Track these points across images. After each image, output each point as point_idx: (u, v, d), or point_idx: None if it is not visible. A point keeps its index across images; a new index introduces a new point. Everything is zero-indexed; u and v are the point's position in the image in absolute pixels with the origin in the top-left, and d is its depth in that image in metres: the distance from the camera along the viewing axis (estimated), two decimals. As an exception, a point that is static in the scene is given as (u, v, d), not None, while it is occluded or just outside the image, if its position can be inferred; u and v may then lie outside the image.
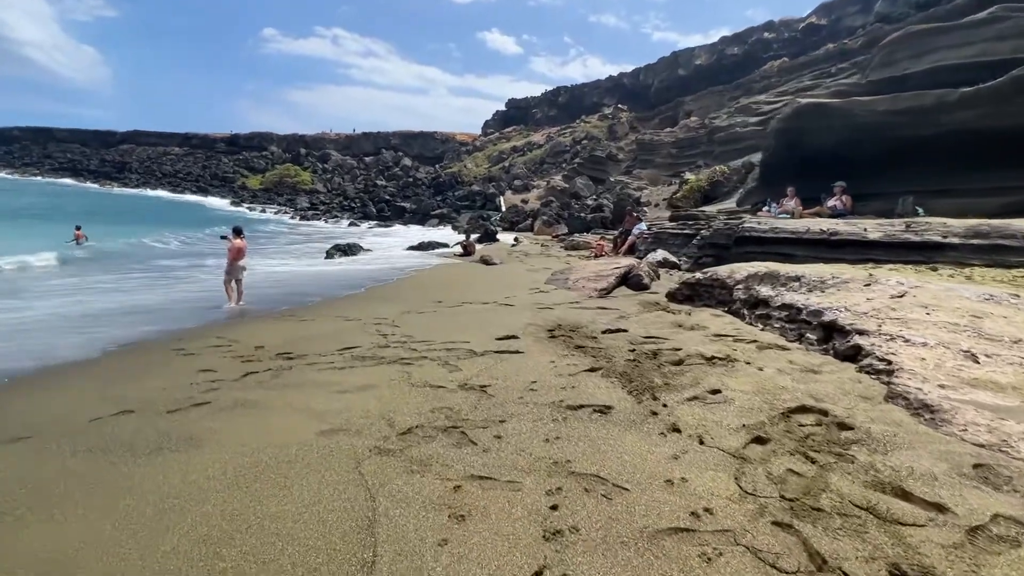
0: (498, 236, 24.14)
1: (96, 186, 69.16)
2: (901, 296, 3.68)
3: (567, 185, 38.42)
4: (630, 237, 14.68)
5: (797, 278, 4.78)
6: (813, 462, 2.18)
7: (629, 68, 57.62)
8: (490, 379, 3.73)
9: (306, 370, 4.37)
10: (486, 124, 77.90)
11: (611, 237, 18.65)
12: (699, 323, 5.25)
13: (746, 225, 8.31)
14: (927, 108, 7.93)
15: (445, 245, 20.11)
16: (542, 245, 20.41)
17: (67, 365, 5.31)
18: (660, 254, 10.44)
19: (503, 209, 37.03)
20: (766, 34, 40.16)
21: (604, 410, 2.97)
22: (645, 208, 25.01)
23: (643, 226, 14.75)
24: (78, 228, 16.56)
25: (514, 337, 5.07)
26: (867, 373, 3.12)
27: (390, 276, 12.48)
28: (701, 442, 2.49)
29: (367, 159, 74.22)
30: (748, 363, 3.61)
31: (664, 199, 26.67)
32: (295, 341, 5.62)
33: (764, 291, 5.13)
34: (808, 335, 3.99)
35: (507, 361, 4.22)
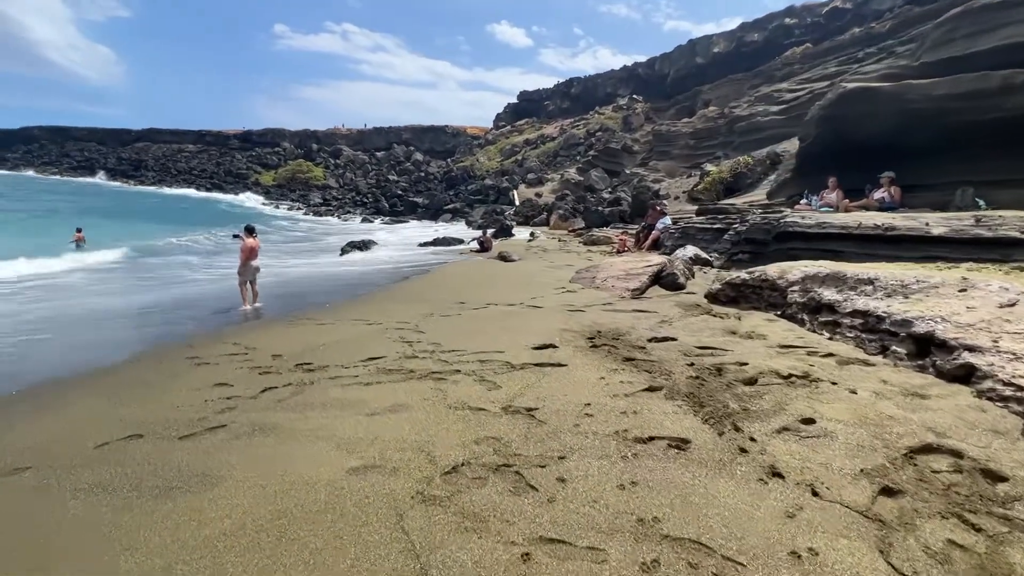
0: (513, 231, 23.70)
1: (115, 183, 69.93)
2: (1012, 305, 3.18)
3: (582, 178, 37.76)
4: (654, 232, 14.13)
5: (870, 281, 4.27)
6: (976, 529, 1.73)
7: (640, 58, 56.56)
8: (536, 400, 3.31)
9: (329, 386, 4.00)
10: (498, 117, 77.14)
11: (632, 232, 18.10)
12: (754, 330, 4.77)
13: (788, 220, 7.75)
14: (991, 91, 7.28)
15: (460, 241, 19.72)
16: (559, 240, 19.91)
17: (77, 376, 5.02)
18: (690, 250, 9.90)
19: (517, 203, 36.53)
20: (787, 20, 38.85)
21: (680, 444, 2.53)
22: (664, 201, 24.33)
23: (668, 220, 14.18)
24: (78, 230, 16.53)
25: (552, 346, 4.64)
26: (989, 399, 2.64)
27: (407, 274, 12.13)
28: (815, 493, 2.04)
29: (378, 154, 74.04)
30: (834, 383, 3.14)
31: (684, 191, 25.93)
32: (315, 349, 5.27)
33: (828, 295, 4.63)
34: (895, 348, 3.51)
35: (550, 376, 3.79)
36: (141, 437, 3.24)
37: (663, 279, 7.92)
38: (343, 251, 17.46)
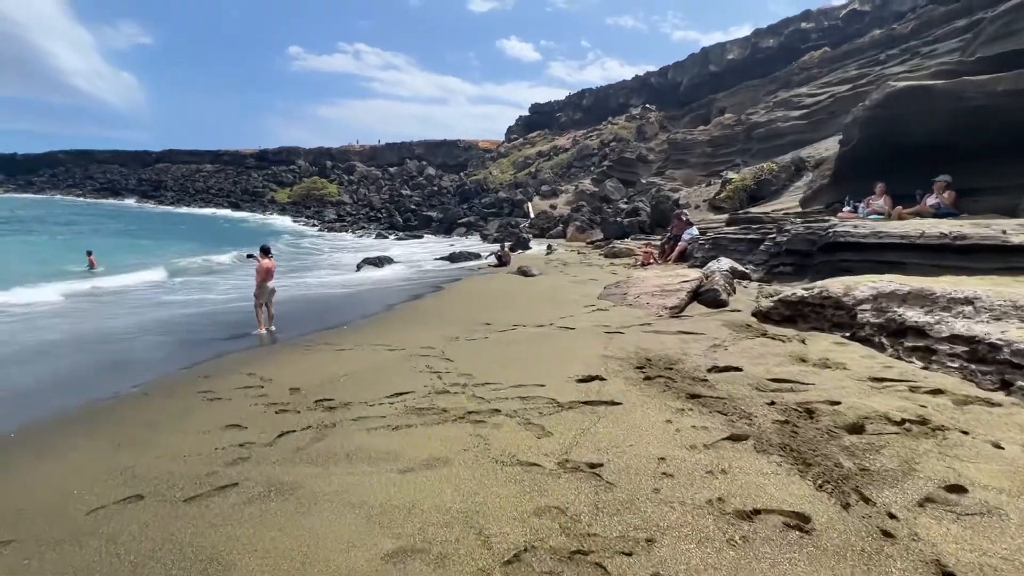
0: (530, 244, 23.28)
1: (146, 204, 71.23)
2: None
3: (597, 189, 37.36)
4: (680, 243, 13.58)
5: (968, 300, 3.70)
6: None
7: (650, 68, 56.12)
8: (596, 451, 2.80)
9: (353, 429, 3.54)
10: (509, 130, 77.43)
11: (655, 243, 17.55)
12: (828, 357, 4.21)
13: (839, 229, 7.17)
14: (1061, 85, 6.69)
15: (477, 255, 19.34)
16: (578, 252, 19.43)
17: (83, 411, 4.65)
18: (725, 263, 9.33)
19: (532, 215, 36.21)
20: (803, 24, 38.28)
21: (799, 523, 2.01)
22: (685, 210, 23.74)
23: (695, 231, 13.63)
24: (89, 253, 16.57)
25: (599, 378, 4.14)
26: None
27: (425, 291, 11.72)
28: (1018, 610, 1.51)
29: (391, 169, 74.63)
30: (965, 432, 2.59)
31: (704, 200, 25.32)
32: (335, 381, 4.83)
33: (913, 316, 4.07)
34: (1021, 384, 2.94)
35: (606, 419, 3.29)
36: (141, 499, 2.81)
37: (703, 295, 7.38)
38: (358, 268, 17.20)
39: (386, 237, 35.16)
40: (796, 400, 3.25)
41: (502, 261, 16.34)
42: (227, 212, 61.98)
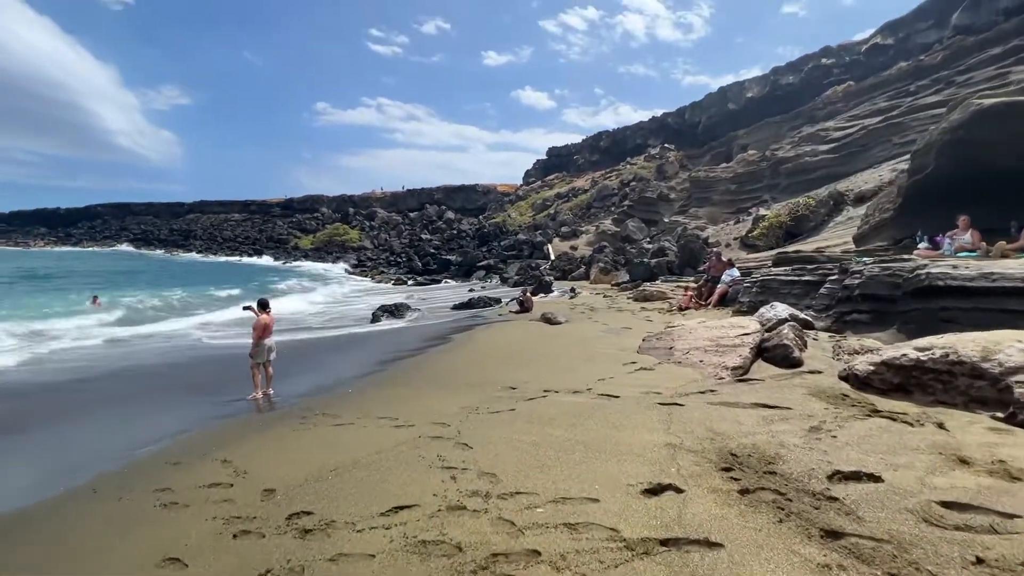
0: (552, 287, 22.28)
1: (161, 253, 73.46)
2: None
3: (618, 229, 36.62)
4: (720, 286, 12.40)
5: None
6: None
7: (661, 112, 56.25)
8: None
9: (330, 572, 2.44)
10: (527, 173, 78.44)
11: (687, 284, 16.36)
12: (998, 456, 2.98)
13: (935, 271, 5.95)
14: None
15: (497, 301, 18.39)
16: (604, 296, 18.31)
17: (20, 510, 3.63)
18: (782, 309, 8.11)
19: (552, 257, 35.47)
20: (824, 60, 37.99)
21: None
22: (715, 248, 22.58)
23: (735, 272, 12.46)
24: (95, 298, 16.89)
25: (673, 488, 2.97)
26: None
27: (442, 343, 10.71)
28: None
29: (412, 214, 75.82)
30: None
31: (735, 238, 24.17)
32: (321, 479, 3.77)
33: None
34: None
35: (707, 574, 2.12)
36: None
37: (769, 352, 6.16)
38: (374, 317, 16.35)
39: (405, 282, 34.70)
40: (1010, 553, 2.04)
41: (524, 307, 15.32)
42: (252, 259, 63.11)
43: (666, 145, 50.45)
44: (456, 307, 18.11)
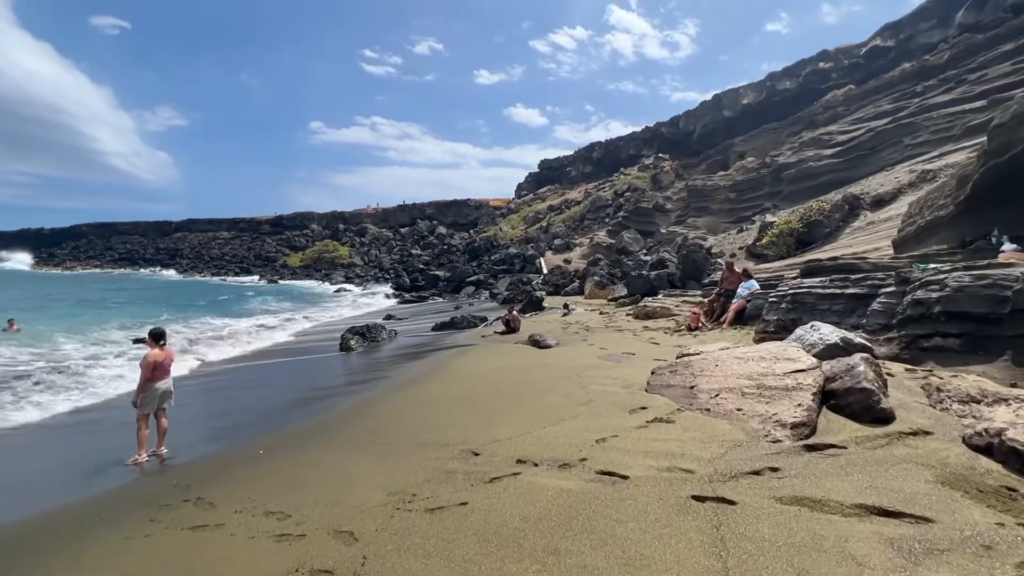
0: (544, 303, 20.47)
1: (147, 272, 71.29)
2: None
3: (613, 240, 35.04)
4: (736, 300, 10.64)
5: None
6: None
7: (655, 122, 55.16)
8: None
9: None
10: (519, 187, 77.25)
11: (691, 298, 14.60)
12: None
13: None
14: None
15: (483, 320, 16.57)
16: (600, 313, 16.51)
17: None
18: (828, 331, 6.29)
19: (544, 271, 33.75)
20: (821, 64, 36.96)
21: None
22: (719, 259, 20.89)
23: (754, 284, 10.72)
24: (10, 321, 16.02)
25: None
26: None
27: (402, 372, 8.85)
28: None
29: (403, 230, 74.21)
30: None
31: (739, 247, 22.52)
32: None
33: None
34: None
35: None
36: None
37: (840, 398, 4.33)
38: (342, 340, 14.41)
39: (390, 299, 32.87)
40: None
41: (510, 327, 13.49)
42: (238, 278, 60.93)
43: (660, 155, 49.25)
44: (437, 327, 16.26)
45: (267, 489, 4.11)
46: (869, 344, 6.24)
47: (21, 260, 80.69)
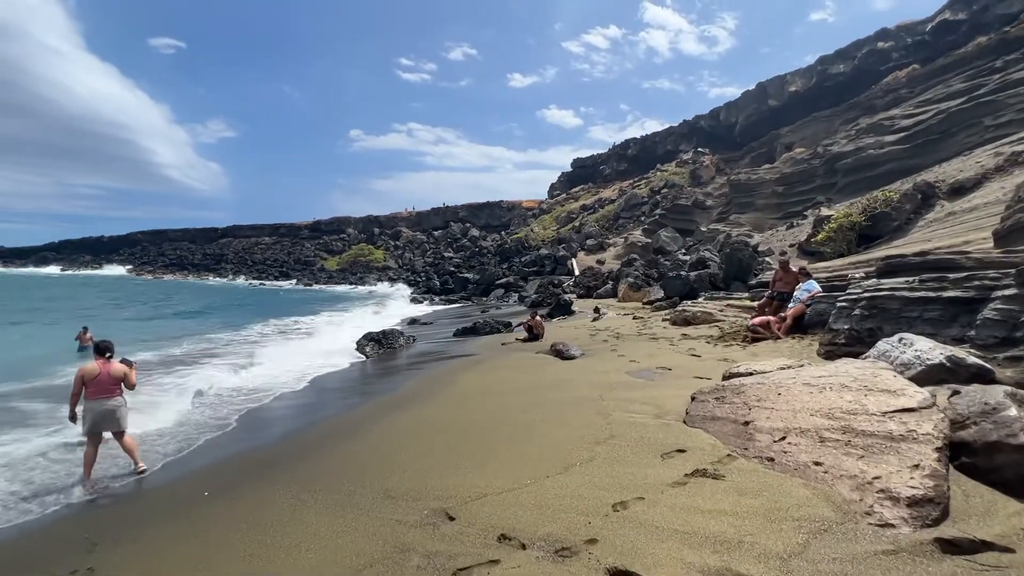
0: (573, 307, 19.18)
1: (194, 279, 74.19)
2: None
3: (649, 240, 33.21)
4: (794, 305, 9.08)
5: None
6: None
7: (693, 115, 52.24)
8: None
9: None
10: (552, 187, 75.82)
11: (735, 302, 12.97)
12: None
13: None
14: None
15: (507, 325, 15.47)
16: (634, 317, 15.11)
17: None
18: (926, 347, 4.81)
19: (576, 272, 32.36)
20: (880, 44, 33.84)
21: None
22: (767, 258, 18.97)
23: (815, 286, 9.14)
24: (85, 329, 15.43)
25: None
26: None
27: (405, 394, 7.82)
28: None
29: (436, 233, 74.23)
30: None
31: (789, 244, 20.48)
32: None
33: None
34: None
35: None
36: None
37: (979, 456, 2.95)
38: (358, 346, 13.63)
39: (420, 302, 32.33)
40: None
41: (533, 334, 12.33)
42: (276, 283, 62.48)
43: (699, 149, 46.76)
44: (458, 333, 15.28)
45: (172, 561, 3.13)
46: (987, 365, 4.73)
47: (112, 268, 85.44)
